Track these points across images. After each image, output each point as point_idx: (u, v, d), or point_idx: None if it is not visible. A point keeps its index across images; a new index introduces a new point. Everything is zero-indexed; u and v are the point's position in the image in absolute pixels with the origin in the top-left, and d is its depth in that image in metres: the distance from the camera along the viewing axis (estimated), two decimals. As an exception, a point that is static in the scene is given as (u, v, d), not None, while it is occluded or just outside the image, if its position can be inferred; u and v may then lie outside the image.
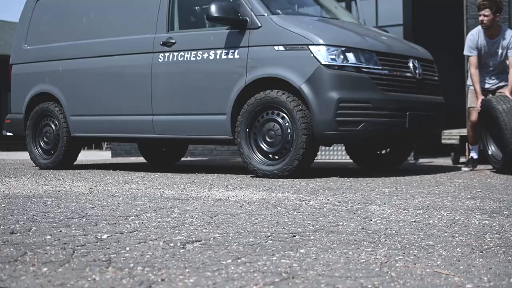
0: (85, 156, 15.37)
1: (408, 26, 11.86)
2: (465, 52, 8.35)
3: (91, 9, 9.35)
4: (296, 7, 8.96)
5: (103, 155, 17.56)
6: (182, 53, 8.00)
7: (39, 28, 9.95)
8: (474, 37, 8.22)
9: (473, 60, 8.19)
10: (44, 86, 9.58)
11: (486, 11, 8.06)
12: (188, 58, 7.93)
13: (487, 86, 8.25)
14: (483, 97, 7.95)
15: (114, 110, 8.74)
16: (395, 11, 12.02)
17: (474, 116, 8.17)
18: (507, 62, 8.12)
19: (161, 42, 8.19)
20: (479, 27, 8.23)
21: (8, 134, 10.86)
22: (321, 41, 7.10)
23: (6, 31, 32.48)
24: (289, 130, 7.18)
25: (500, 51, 8.16)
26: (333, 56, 7.05)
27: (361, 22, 9.06)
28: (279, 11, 7.70)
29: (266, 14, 7.48)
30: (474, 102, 8.16)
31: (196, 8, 8.66)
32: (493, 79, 8.30)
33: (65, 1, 9.83)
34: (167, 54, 8.13)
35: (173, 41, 8.10)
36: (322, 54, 7.04)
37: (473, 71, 8.17)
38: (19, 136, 10.18)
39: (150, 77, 8.25)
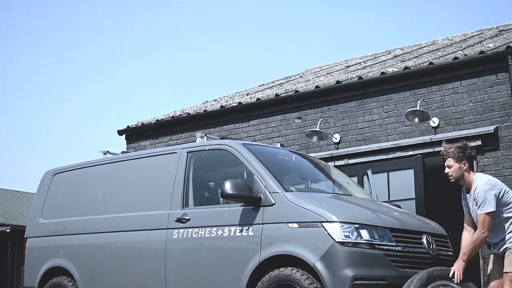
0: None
1: (420, 200, 11.94)
2: None
3: (107, 184, 9.52)
4: (309, 182, 9.07)
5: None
6: (196, 229, 8.03)
7: (56, 201, 10.09)
8: (463, 194, 7.27)
9: (464, 219, 7.25)
10: (58, 260, 9.60)
11: (449, 161, 7.03)
12: (203, 235, 7.95)
13: (494, 250, 7.14)
14: (461, 264, 6.93)
15: (127, 285, 8.69)
16: (407, 185, 12.13)
17: (491, 284, 7.15)
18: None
19: (175, 219, 8.26)
20: None
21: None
22: (334, 218, 7.13)
23: (21, 202, 32.82)
24: (303, 308, 7.08)
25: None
26: (347, 233, 7.06)
27: (374, 197, 9.13)
28: (292, 188, 7.78)
29: (279, 191, 7.56)
30: (494, 269, 7.11)
31: (210, 184, 8.79)
32: (494, 240, 7.09)
33: (82, 176, 10.01)
34: (181, 230, 8.17)
35: (188, 217, 8.17)
36: (335, 231, 7.06)
37: (463, 233, 7.25)
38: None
39: (165, 253, 8.25)
